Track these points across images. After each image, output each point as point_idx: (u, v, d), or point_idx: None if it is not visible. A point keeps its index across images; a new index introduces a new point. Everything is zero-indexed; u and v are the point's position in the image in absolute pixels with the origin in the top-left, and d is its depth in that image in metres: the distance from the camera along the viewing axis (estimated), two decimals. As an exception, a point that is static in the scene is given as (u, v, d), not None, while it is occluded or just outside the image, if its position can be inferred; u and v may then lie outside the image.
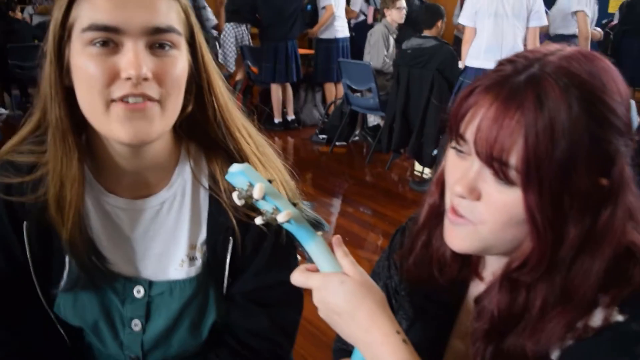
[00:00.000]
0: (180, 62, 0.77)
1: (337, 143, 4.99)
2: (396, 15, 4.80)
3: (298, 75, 5.44)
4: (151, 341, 0.90)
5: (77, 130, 0.80)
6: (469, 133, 0.61)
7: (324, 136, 5.15)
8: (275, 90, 5.41)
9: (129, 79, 0.71)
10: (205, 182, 0.89)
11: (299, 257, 0.96)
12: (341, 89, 5.27)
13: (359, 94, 4.76)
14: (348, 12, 6.28)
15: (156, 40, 0.73)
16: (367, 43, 4.92)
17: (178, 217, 0.88)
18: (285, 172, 0.91)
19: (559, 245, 0.60)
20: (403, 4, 4.84)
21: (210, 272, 0.90)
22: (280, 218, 0.65)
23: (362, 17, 6.47)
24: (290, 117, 5.65)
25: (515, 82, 0.58)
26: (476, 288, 0.75)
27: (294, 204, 0.68)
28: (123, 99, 0.72)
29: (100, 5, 0.71)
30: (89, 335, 0.90)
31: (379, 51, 4.77)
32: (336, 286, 0.67)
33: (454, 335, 0.77)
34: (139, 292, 0.88)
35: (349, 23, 5.94)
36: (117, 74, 0.71)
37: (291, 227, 0.68)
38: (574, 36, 4.38)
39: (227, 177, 0.67)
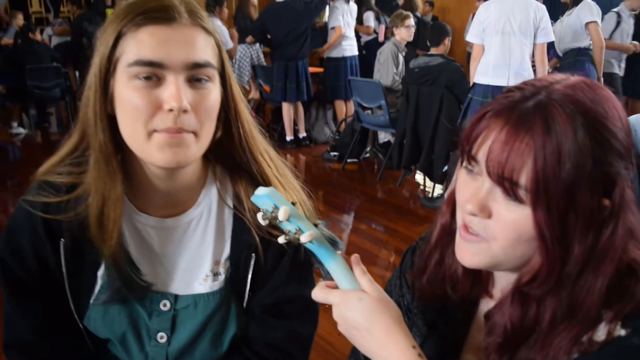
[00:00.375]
0: (214, 94, 0.83)
1: (349, 160, 5.03)
2: (405, 34, 4.84)
3: (309, 93, 5.50)
4: (175, 353, 0.94)
5: (116, 152, 0.86)
6: (481, 154, 0.65)
7: (336, 153, 5.20)
8: (287, 109, 5.48)
9: (170, 110, 0.77)
10: (230, 202, 0.94)
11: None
12: (351, 107, 5.32)
13: (369, 112, 4.81)
14: (362, 28, 6.37)
15: (195, 74, 0.80)
16: (376, 61, 4.98)
17: (204, 235, 0.94)
18: (302, 193, 0.97)
19: (565, 261, 0.64)
20: (412, 22, 4.88)
21: (232, 287, 0.95)
22: (304, 239, 0.70)
23: (373, 35, 6.54)
24: (302, 134, 5.71)
25: (524, 107, 0.62)
26: (486, 305, 0.78)
27: (315, 225, 0.72)
28: (164, 130, 0.78)
29: (146, 42, 0.77)
30: (116, 346, 0.94)
31: (389, 69, 4.82)
32: (354, 303, 0.71)
33: (466, 349, 0.80)
34: (165, 305, 0.92)
35: (359, 40, 6.02)
36: (159, 105, 0.78)
37: (312, 247, 0.72)
38: (588, 49, 4.41)
39: (252, 198, 0.72)
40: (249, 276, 0.94)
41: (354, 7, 5.79)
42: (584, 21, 4.34)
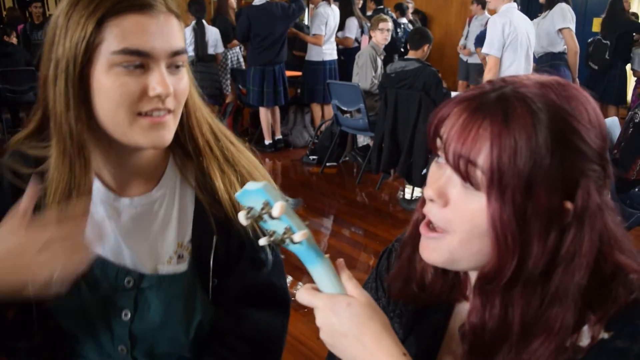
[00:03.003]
0: (186, 77, 0.87)
1: (328, 164, 5.03)
2: (379, 37, 4.86)
3: (286, 98, 5.49)
4: (139, 332, 0.93)
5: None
6: (442, 140, 0.65)
7: (315, 157, 5.20)
8: (264, 113, 5.46)
9: (157, 96, 0.80)
10: (193, 182, 0.95)
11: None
12: (328, 110, 5.31)
13: (348, 115, 4.82)
14: (342, 41, 6.15)
15: (174, 61, 0.83)
16: (355, 65, 5.00)
17: (167, 216, 0.94)
18: (266, 177, 0.96)
19: (523, 260, 0.62)
20: (387, 26, 4.87)
21: (197, 271, 0.95)
22: (297, 237, 0.65)
23: (355, 44, 6.31)
24: (277, 136, 5.68)
25: (486, 97, 0.63)
26: (462, 308, 0.78)
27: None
28: (148, 113, 0.81)
29: (131, 30, 0.78)
30: (80, 325, 0.92)
31: (367, 72, 4.84)
32: (343, 308, 0.67)
33: (442, 353, 0.79)
34: (129, 282, 0.92)
35: (337, 46, 5.99)
36: (145, 92, 0.80)
37: (300, 248, 0.67)
38: (563, 53, 4.50)
39: (238, 195, 0.66)
40: (211, 259, 0.94)
41: (337, 10, 5.73)
42: (557, 27, 4.42)
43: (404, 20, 7.17)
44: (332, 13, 5.61)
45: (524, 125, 0.60)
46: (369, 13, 6.92)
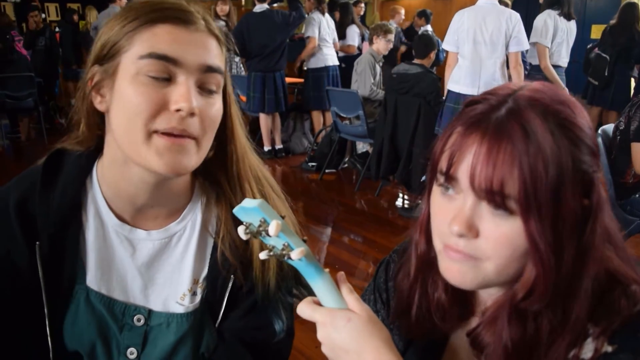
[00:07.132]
0: (218, 104, 0.81)
1: (327, 170, 5.03)
2: (383, 46, 4.89)
3: (286, 104, 5.50)
4: None
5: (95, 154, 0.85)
6: (461, 172, 0.62)
7: (314, 164, 5.19)
8: (265, 120, 5.46)
9: (178, 110, 0.73)
10: (211, 226, 0.91)
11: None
12: (328, 117, 5.31)
13: (347, 122, 4.82)
14: (345, 48, 6.22)
15: (206, 78, 0.77)
16: (354, 72, 5.00)
17: (184, 252, 0.90)
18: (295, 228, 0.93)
19: (559, 268, 0.61)
20: (392, 37, 4.96)
21: (208, 308, 0.91)
22: (294, 255, 0.64)
23: (357, 52, 6.35)
24: (278, 146, 5.69)
25: (498, 116, 0.60)
26: (464, 318, 0.76)
27: (304, 241, 0.67)
28: (166, 132, 0.74)
29: (162, 36, 0.74)
30: (85, 351, 0.89)
31: (366, 79, 4.84)
32: (343, 323, 0.66)
33: None
34: (139, 320, 0.88)
35: (339, 56, 6.00)
36: (165, 105, 0.73)
37: (300, 264, 0.67)
38: (538, 65, 4.45)
39: (236, 210, 0.66)
40: (225, 298, 0.90)
41: (329, 18, 5.80)
42: (531, 39, 4.23)
43: (428, 27, 7.13)
44: (326, 20, 5.68)
45: (543, 134, 0.59)
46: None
